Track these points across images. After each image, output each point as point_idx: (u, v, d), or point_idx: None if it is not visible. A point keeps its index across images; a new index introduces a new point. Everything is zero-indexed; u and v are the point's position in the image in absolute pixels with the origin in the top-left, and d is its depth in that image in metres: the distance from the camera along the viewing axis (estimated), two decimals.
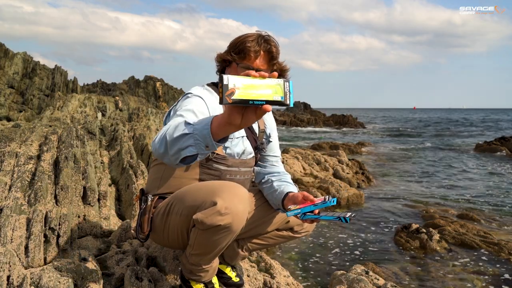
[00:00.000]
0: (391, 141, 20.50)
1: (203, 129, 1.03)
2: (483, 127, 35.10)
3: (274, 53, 1.54)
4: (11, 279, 1.58)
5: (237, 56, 1.52)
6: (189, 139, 1.06)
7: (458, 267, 3.79)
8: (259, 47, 1.51)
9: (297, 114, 39.86)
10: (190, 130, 1.06)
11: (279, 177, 1.74)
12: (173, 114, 1.46)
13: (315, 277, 3.48)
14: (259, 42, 1.52)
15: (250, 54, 1.51)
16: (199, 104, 1.45)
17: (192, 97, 1.49)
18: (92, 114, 9.84)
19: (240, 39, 1.54)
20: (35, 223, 2.04)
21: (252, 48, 1.50)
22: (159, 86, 29.34)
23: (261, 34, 1.56)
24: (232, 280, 1.85)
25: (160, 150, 1.14)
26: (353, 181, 7.85)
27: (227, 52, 1.57)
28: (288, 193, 1.61)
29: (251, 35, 1.54)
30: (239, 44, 1.53)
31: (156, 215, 1.57)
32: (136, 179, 3.49)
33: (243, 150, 1.62)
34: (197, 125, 1.06)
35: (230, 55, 1.54)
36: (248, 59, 1.52)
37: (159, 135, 1.17)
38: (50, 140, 3.34)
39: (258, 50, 1.51)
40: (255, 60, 1.52)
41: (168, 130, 1.13)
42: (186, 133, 1.06)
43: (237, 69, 1.53)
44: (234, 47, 1.54)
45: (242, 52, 1.52)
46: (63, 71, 19.70)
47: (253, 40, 1.52)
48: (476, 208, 6.12)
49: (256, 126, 1.71)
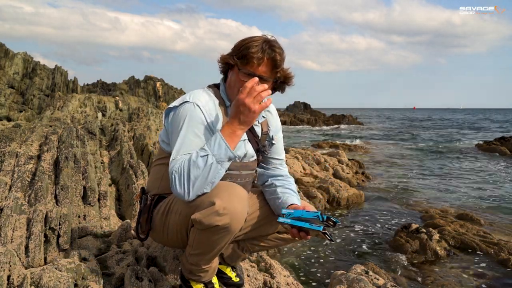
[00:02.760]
0: (391, 141, 20.50)
1: (220, 149, 1.26)
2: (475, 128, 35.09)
3: (278, 61, 1.49)
4: (11, 278, 1.58)
5: (240, 61, 1.48)
6: (212, 164, 1.29)
7: (458, 267, 3.79)
8: (262, 54, 1.46)
9: (297, 114, 39.86)
10: (212, 159, 1.30)
11: (282, 182, 1.71)
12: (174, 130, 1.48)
13: (315, 277, 3.48)
14: (264, 48, 1.47)
15: (253, 61, 1.46)
16: (198, 119, 1.45)
17: (191, 109, 1.47)
18: (92, 114, 9.84)
19: (244, 43, 1.49)
20: (35, 223, 2.05)
21: (255, 55, 1.45)
22: (159, 86, 29.33)
23: (267, 39, 1.51)
24: (232, 280, 1.85)
25: (186, 190, 1.34)
26: (353, 181, 7.85)
27: (230, 56, 1.52)
28: (290, 205, 1.58)
29: (256, 40, 1.49)
30: (243, 49, 1.48)
31: (156, 214, 1.57)
32: (136, 179, 3.49)
33: (245, 153, 1.60)
34: (213, 148, 1.28)
35: (233, 59, 1.50)
36: (251, 66, 1.47)
37: (178, 177, 1.34)
38: (50, 140, 3.34)
39: (261, 57, 1.46)
40: (258, 67, 1.48)
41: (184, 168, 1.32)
42: (210, 163, 1.29)
43: (239, 74, 1.50)
44: (237, 51, 1.50)
45: (245, 58, 1.47)
46: (63, 71, 19.71)
47: (257, 46, 1.46)
48: (476, 208, 6.12)
49: (259, 129, 1.69)
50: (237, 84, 1.50)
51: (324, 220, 1.31)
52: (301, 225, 1.35)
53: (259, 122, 1.69)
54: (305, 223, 1.35)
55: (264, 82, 1.49)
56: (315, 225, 1.33)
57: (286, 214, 1.43)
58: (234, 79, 1.52)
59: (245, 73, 1.48)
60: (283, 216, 1.43)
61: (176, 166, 1.35)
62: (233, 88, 1.53)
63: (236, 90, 1.50)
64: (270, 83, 1.52)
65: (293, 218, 1.39)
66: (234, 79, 1.52)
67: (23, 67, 18.50)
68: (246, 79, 1.45)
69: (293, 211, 1.42)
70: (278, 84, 1.56)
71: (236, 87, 1.50)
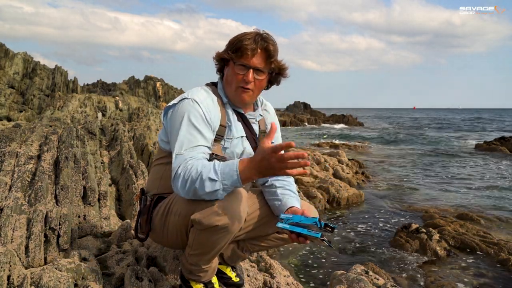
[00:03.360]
0: (391, 141, 20.50)
1: (231, 179, 1.27)
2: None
3: (271, 51, 1.52)
4: (11, 279, 1.58)
5: (234, 54, 1.51)
6: (218, 190, 1.29)
7: (458, 267, 3.79)
8: (256, 45, 1.50)
9: (297, 114, 39.86)
10: (219, 186, 1.29)
11: (282, 183, 1.70)
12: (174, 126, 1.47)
13: (315, 277, 3.48)
14: (256, 40, 1.50)
15: (247, 52, 1.50)
16: (198, 115, 1.46)
17: (190, 105, 1.48)
18: (92, 114, 9.84)
19: (237, 38, 1.53)
20: (35, 223, 2.05)
21: (249, 46, 1.49)
22: (159, 86, 29.32)
23: (259, 32, 1.54)
24: (232, 280, 1.85)
25: (186, 194, 1.35)
26: (353, 181, 7.85)
27: (225, 51, 1.56)
28: (290, 208, 1.57)
29: (248, 33, 1.53)
30: (236, 42, 1.52)
31: (156, 215, 1.57)
32: (136, 179, 3.49)
33: (243, 150, 1.61)
34: (225, 177, 1.28)
35: (227, 54, 1.53)
36: (245, 58, 1.50)
37: (182, 179, 1.33)
38: (51, 140, 3.35)
39: (255, 48, 1.50)
40: (252, 58, 1.51)
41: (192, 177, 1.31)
42: (215, 189, 1.29)
43: (234, 67, 1.52)
44: (231, 45, 1.53)
45: (239, 50, 1.50)
46: (63, 71, 19.69)
47: (250, 38, 1.50)
48: (476, 208, 6.12)
49: (256, 127, 1.70)
50: (234, 78, 1.53)
51: (322, 227, 1.31)
52: (299, 231, 1.34)
53: (257, 121, 1.70)
54: (303, 229, 1.34)
55: (260, 73, 1.54)
56: (313, 231, 1.32)
57: (285, 219, 1.41)
58: (230, 73, 1.54)
59: (240, 65, 1.51)
60: (282, 221, 1.42)
61: (187, 166, 1.34)
62: (230, 83, 1.56)
63: (234, 84, 1.54)
64: (266, 74, 1.56)
65: (292, 223, 1.38)
66: (230, 73, 1.55)
67: (23, 67, 18.49)
68: (242, 72, 1.51)
69: (291, 216, 1.41)
70: (273, 76, 1.61)
71: (234, 82, 1.53)
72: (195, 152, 1.39)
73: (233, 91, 1.55)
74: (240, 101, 1.58)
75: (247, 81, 1.52)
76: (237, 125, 1.60)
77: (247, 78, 1.51)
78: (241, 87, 1.53)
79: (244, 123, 1.63)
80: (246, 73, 1.51)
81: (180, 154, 1.38)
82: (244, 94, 1.55)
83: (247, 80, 1.52)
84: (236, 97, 1.56)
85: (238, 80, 1.52)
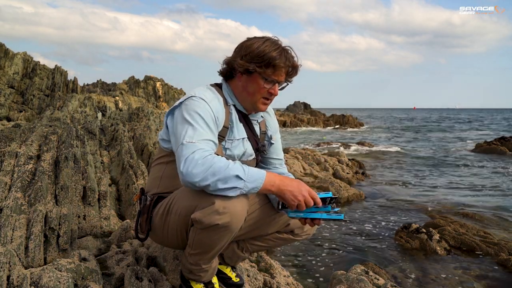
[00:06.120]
0: (391, 141, 20.50)
1: (257, 184, 1.31)
2: None
3: (297, 68, 1.58)
4: (11, 279, 1.58)
5: (264, 69, 1.51)
6: (238, 189, 1.30)
7: (458, 268, 3.79)
8: (288, 62, 1.53)
9: (297, 114, 39.85)
10: (242, 185, 1.30)
11: (276, 171, 1.74)
12: (182, 120, 1.43)
13: (315, 277, 3.48)
14: (287, 57, 1.53)
15: (280, 70, 1.52)
16: (207, 113, 1.45)
17: (198, 102, 1.46)
18: (92, 114, 9.84)
19: (263, 51, 1.50)
20: (35, 223, 2.04)
21: (282, 64, 1.51)
22: (159, 86, 29.32)
23: (283, 47, 1.54)
24: (232, 280, 1.85)
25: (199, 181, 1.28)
26: (353, 181, 7.85)
27: (247, 62, 1.51)
28: None
29: (274, 47, 1.51)
30: (264, 56, 1.49)
31: (156, 215, 1.57)
32: (136, 179, 3.49)
33: (243, 152, 1.62)
34: (251, 180, 1.31)
35: (255, 67, 1.50)
36: (277, 75, 1.53)
37: (200, 166, 1.28)
38: (50, 140, 3.34)
39: (288, 66, 1.54)
40: (282, 75, 1.55)
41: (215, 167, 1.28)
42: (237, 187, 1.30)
43: (261, 81, 1.53)
44: (259, 58, 1.50)
45: (270, 66, 1.51)
46: (63, 71, 19.69)
47: (280, 54, 1.51)
48: (476, 208, 6.12)
49: (257, 128, 1.70)
50: (258, 90, 1.55)
51: (329, 211, 1.44)
52: (314, 216, 1.45)
53: (258, 122, 1.71)
54: (315, 214, 1.45)
55: (280, 84, 1.60)
56: (325, 213, 1.45)
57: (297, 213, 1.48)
58: (255, 85, 1.55)
59: (269, 81, 1.54)
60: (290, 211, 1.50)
61: (205, 155, 1.30)
62: (252, 94, 1.56)
63: (258, 96, 1.56)
64: None
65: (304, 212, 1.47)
66: (254, 85, 1.55)
67: (23, 67, 18.49)
68: (269, 86, 1.55)
69: (302, 213, 1.48)
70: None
71: (258, 93, 1.56)
72: (208, 146, 1.36)
73: (254, 101, 1.58)
74: (257, 110, 1.63)
75: (273, 94, 1.57)
76: (238, 127, 1.61)
77: (274, 92, 1.57)
78: (265, 98, 1.57)
79: (247, 124, 1.65)
80: (273, 86, 1.55)
81: (192, 143, 1.34)
82: (265, 105, 1.60)
83: (274, 94, 1.57)
84: (255, 106, 1.60)
85: (263, 93, 1.55)
